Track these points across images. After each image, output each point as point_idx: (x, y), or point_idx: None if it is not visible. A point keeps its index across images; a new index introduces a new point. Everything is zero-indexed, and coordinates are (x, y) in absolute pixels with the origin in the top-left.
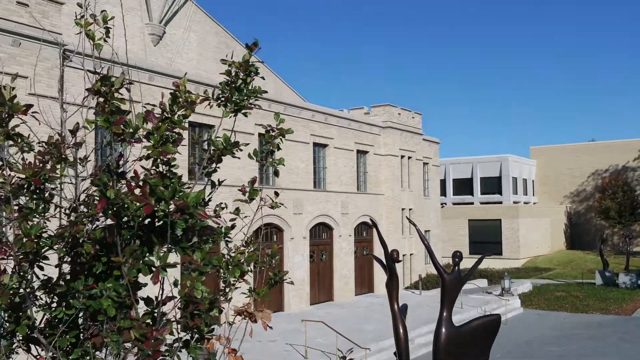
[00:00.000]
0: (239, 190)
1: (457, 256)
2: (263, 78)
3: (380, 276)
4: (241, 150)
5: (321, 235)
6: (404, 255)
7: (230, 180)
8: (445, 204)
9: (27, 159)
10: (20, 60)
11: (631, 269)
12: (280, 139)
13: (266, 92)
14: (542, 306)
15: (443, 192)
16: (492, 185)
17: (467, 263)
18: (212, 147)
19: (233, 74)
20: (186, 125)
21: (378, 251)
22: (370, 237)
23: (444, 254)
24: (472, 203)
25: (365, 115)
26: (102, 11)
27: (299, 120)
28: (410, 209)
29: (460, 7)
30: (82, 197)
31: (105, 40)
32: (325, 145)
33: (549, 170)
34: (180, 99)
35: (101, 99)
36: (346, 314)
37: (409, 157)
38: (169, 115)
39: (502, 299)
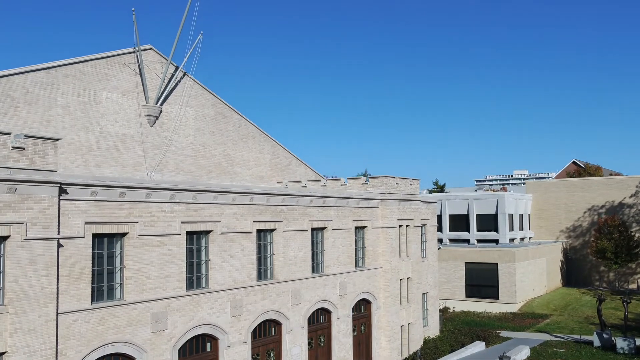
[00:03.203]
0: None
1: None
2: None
3: (377, 351)
4: None
5: (319, 319)
6: (401, 326)
7: (228, 284)
8: (442, 240)
9: None
10: (15, 206)
11: (630, 316)
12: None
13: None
14: None
15: (439, 228)
16: (489, 222)
17: (463, 306)
18: None
19: None
20: None
21: (376, 325)
22: (368, 312)
23: (441, 296)
24: (468, 240)
25: (363, 189)
26: None
27: (297, 208)
28: (408, 278)
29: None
30: None
31: None
32: (323, 228)
33: (545, 205)
34: None
35: None
36: None
37: (407, 225)
38: None
39: None
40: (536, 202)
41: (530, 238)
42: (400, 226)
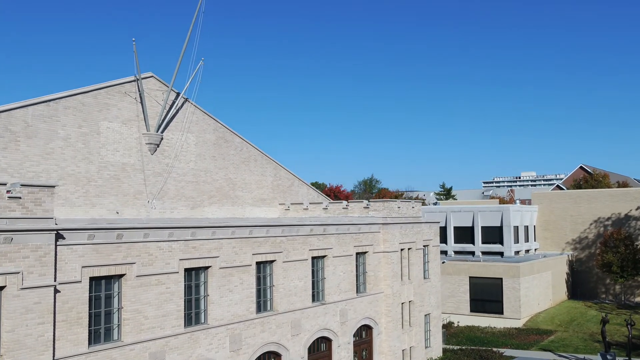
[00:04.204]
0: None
1: None
2: None
3: None
4: None
5: (320, 347)
6: (403, 350)
7: (227, 319)
8: (447, 252)
9: None
10: (11, 256)
11: (634, 332)
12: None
13: None
14: None
15: (444, 240)
16: (494, 234)
17: (467, 321)
18: None
19: None
20: None
21: (378, 350)
22: (370, 338)
23: (445, 310)
24: (473, 252)
25: (364, 212)
26: None
27: (297, 238)
28: (410, 301)
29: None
30: None
31: None
32: (324, 256)
33: (551, 216)
34: None
35: None
36: None
37: (409, 248)
38: None
39: None
40: (542, 214)
41: (535, 250)
42: (402, 250)
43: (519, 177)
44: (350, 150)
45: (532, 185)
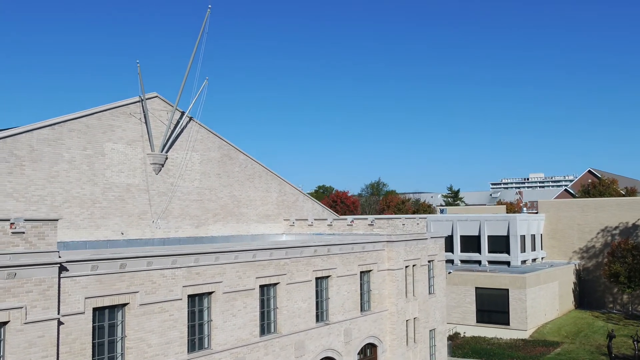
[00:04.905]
0: None
1: None
2: None
3: None
4: None
5: None
6: None
7: (231, 343)
8: (453, 261)
9: None
10: (15, 291)
11: None
12: None
13: None
14: None
15: (450, 249)
16: (500, 244)
17: (473, 332)
18: None
19: None
20: None
21: None
22: (374, 356)
23: (450, 321)
24: (479, 262)
25: (369, 230)
26: None
27: (301, 259)
28: (415, 318)
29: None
30: None
31: None
32: (328, 277)
33: (558, 225)
34: None
35: None
36: None
37: (414, 265)
38: None
39: None
40: (549, 222)
41: (542, 259)
42: (406, 267)
43: (527, 179)
44: (357, 152)
45: (540, 187)
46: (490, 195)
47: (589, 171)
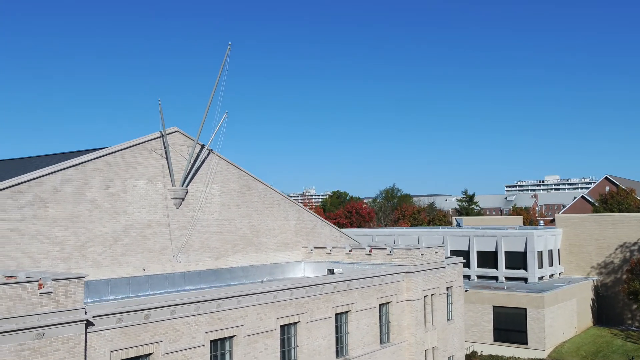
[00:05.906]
0: None
1: None
2: None
3: None
4: None
5: None
6: None
7: None
8: (469, 277)
9: None
10: (43, 350)
11: None
12: None
13: None
14: None
15: (467, 265)
16: (517, 260)
17: (490, 350)
18: None
19: None
20: None
21: None
22: None
23: (468, 339)
24: (496, 278)
25: (387, 261)
26: None
27: (321, 296)
28: (433, 347)
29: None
30: None
31: None
32: (347, 312)
33: (576, 240)
34: None
35: None
36: None
37: (433, 294)
38: None
39: None
40: (566, 237)
41: (560, 274)
42: (425, 296)
43: (543, 181)
44: (371, 155)
45: (555, 189)
46: (505, 198)
47: (606, 178)
